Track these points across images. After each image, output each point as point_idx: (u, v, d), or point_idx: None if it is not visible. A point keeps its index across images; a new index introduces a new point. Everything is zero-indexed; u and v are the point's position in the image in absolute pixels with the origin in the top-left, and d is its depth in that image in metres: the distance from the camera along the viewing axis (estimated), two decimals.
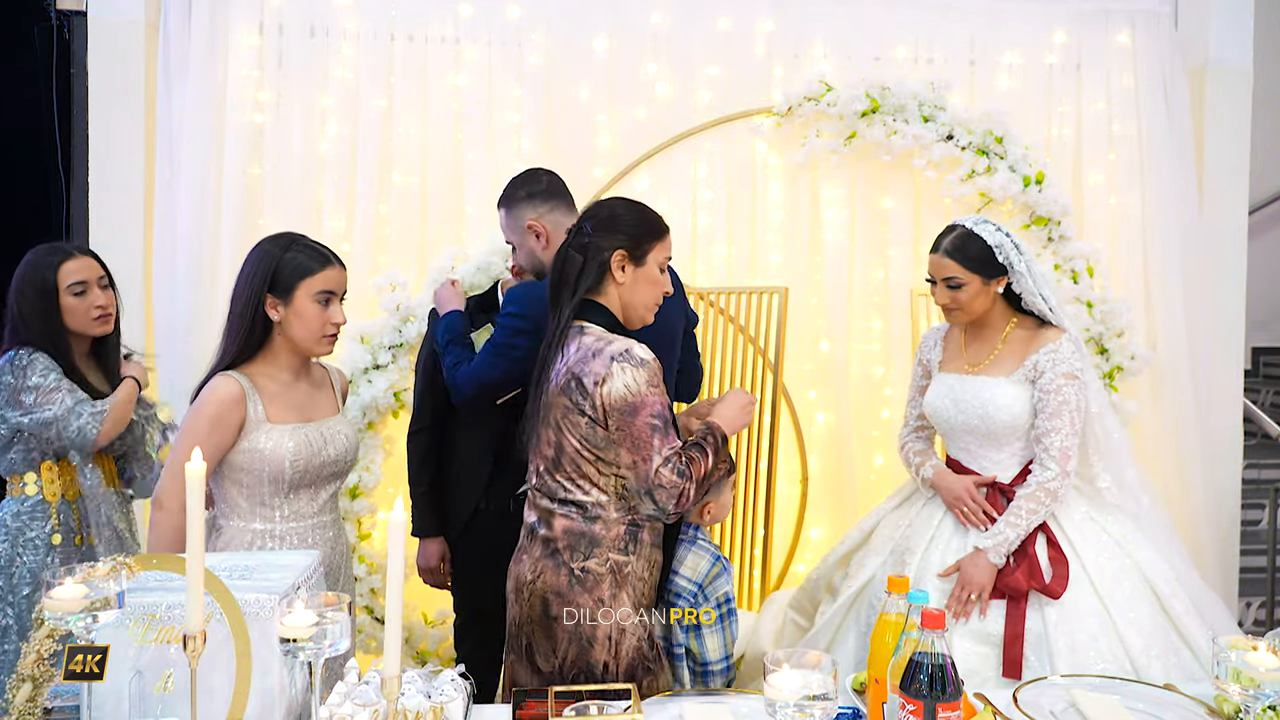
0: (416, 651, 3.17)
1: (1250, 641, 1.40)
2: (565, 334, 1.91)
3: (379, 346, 3.07)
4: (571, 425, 1.86)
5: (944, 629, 1.34)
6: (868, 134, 3.35)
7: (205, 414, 1.97)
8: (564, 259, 1.95)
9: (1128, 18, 3.57)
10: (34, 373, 2.36)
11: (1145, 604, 2.16)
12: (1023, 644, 2.10)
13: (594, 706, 1.49)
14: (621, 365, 1.82)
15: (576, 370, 1.85)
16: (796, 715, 1.28)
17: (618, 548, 1.89)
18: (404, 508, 1.24)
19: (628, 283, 1.94)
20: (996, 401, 2.24)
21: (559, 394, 1.88)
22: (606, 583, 1.88)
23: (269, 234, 2.12)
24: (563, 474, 1.89)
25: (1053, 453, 2.19)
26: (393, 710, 1.30)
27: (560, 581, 1.88)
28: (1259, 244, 4.65)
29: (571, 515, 1.89)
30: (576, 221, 1.99)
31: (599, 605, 1.87)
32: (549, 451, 1.91)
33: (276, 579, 1.53)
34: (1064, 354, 2.21)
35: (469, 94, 3.33)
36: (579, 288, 1.92)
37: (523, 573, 1.95)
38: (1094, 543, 2.22)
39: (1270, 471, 4.74)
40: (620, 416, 1.82)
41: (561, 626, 1.87)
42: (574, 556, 1.88)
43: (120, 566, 1.38)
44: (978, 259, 2.23)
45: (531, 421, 1.97)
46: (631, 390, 1.81)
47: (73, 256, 2.45)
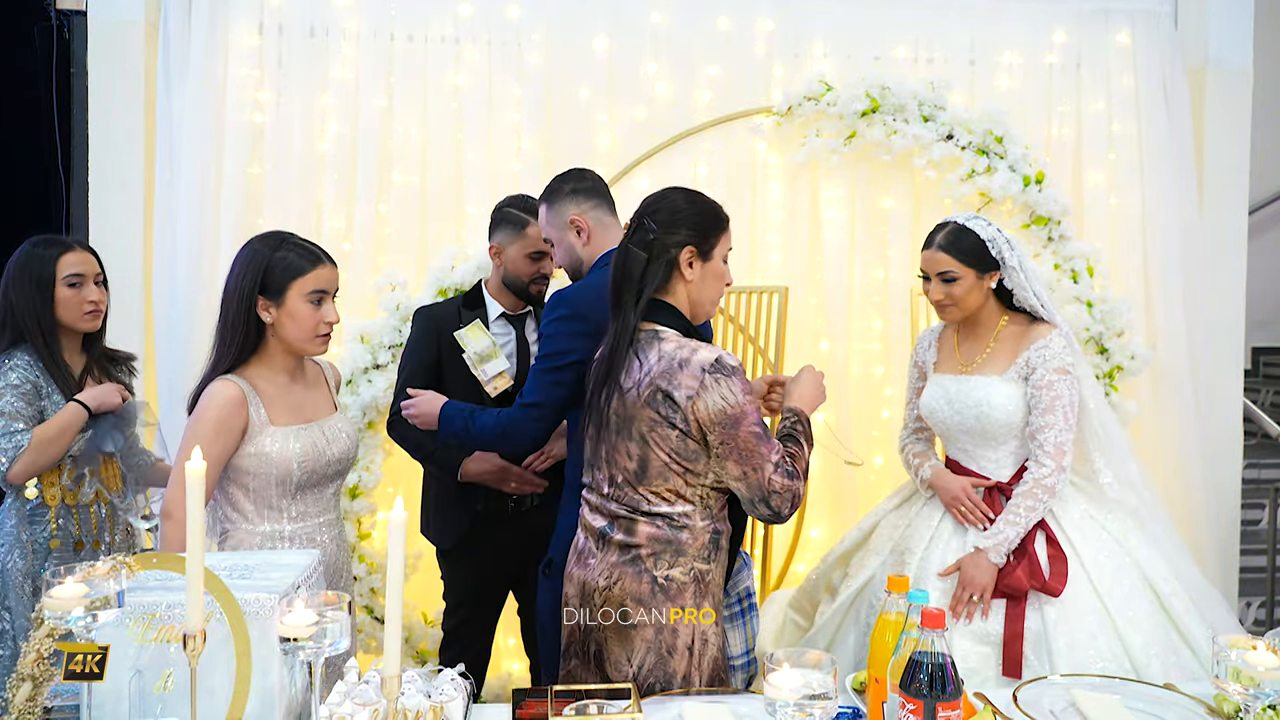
0: (416, 651, 3.17)
1: (1250, 641, 1.40)
2: (635, 338, 1.85)
3: (379, 346, 3.07)
4: (660, 439, 1.81)
5: (944, 628, 1.34)
6: (868, 134, 3.35)
7: (209, 420, 1.94)
8: (626, 256, 1.87)
9: (1128, 17, 3.57)
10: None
11: (1144, 602, 2.16)
12: (1022, 643, 2.11)
13: (594, 706, 1.49)
14: (715, 378, 1.77)
15: (662, 383, 1.79)
16: (796, 714, 1.28)
17: (702, 556, 1.86)
18: (403, 506, 1.24)
19: (696, 279, 1.88)
20: (991, 401, 2.24)
21: (643, 406, 1.81)
22: (690, 591, 1.84)
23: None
24: (647, 486, 1.84)
25: (1047, 449, 2.19)
26: (393, 709, 1.30)
27: (641, 589, 1.83)
28: (1259, 244, 4.65)
29: (657, 523, 1.84)
30: (635, 216, 1.91)
31: (681, 614, 1.85)
32: (630, 464, 1.85)
33: (276, 578, 1.53)
34: (1055, 349, 2.21)
35: (469, 94, 3.33)
36: (645, 287, 1.85)
37: (592, 578, 1.89)
38: (1093, 541, 2.22)
39: (1270, 471, 4.74)
40: (722, 430, 1.78)
41: (640, 634, 1.83)
42: (658, 564, 1.84)
43: (120, 566, 1.38)
44: (972, 253, 2.24)
45: (600, 429, 1.90)
46: (730, 403, 1.77)
47: (73, 249, 2.44)
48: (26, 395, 2.35)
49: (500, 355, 2.57)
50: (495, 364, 2.56)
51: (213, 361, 2.04)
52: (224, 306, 2.04)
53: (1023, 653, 2.10)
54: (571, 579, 1.95)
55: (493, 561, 2.69)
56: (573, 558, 1.97)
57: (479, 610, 2.78)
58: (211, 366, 2.03)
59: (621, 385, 1.84)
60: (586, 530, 1.95)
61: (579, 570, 1.93)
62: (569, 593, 1.95)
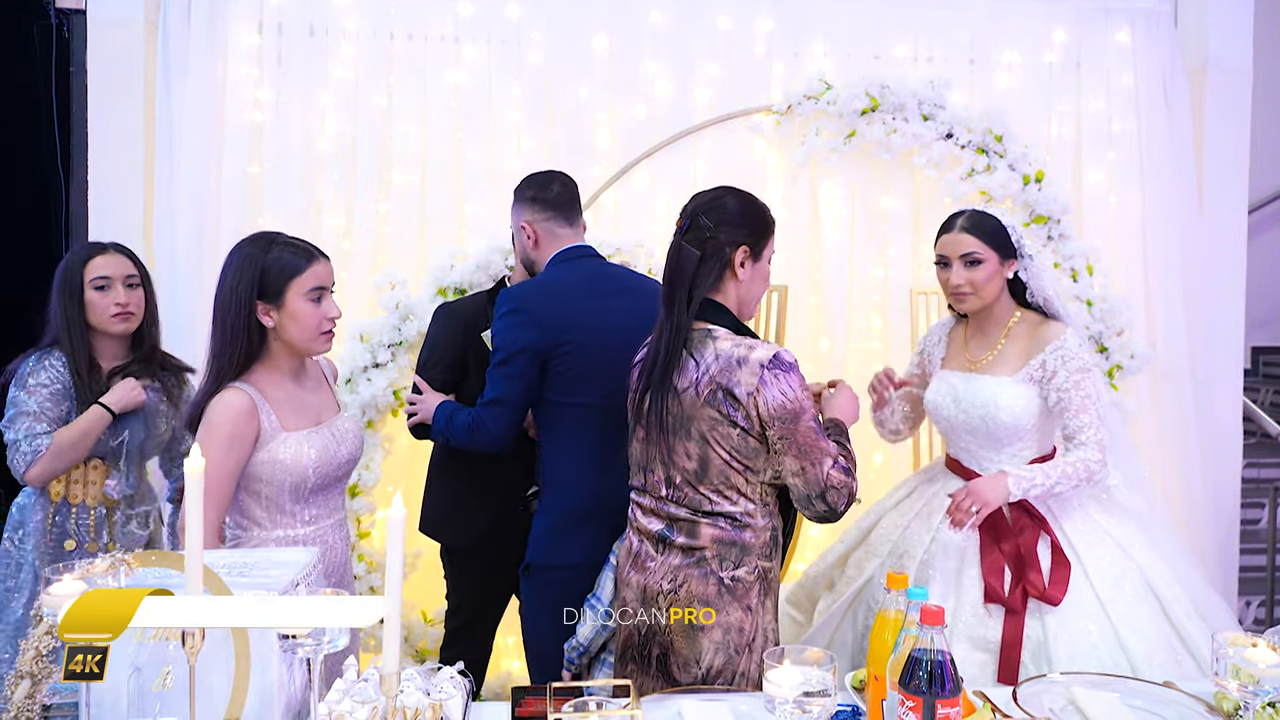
0: (416, 650, 3.17)
1: (1250, 638, 1.40)
2: (688, 337, 1.85)
3: (379, 345, 3.06)
4: (721, 437, 1.82)
5: (943, 625, 1.34)
6: (867, 132, 3.35)
7: (222, 433, 1.89)
8: (679, 254, 1.87)
9: (1127, 16, 3.57)
10: (27, 385, 2.36)
11: (1147, 609, 2.12)
12: (1020, 650, 2.07)
13: (593, 703, 1.48)
14: (774, 373, 1.78)
15: (723, 381, 1.79)
16: (795, 712, 1.28)
17: (764, 554, 1.87)
18: (402, 504, 1.23)
19: (746, 279, 1.89)
20: (998, 401, 2.20)
21: (703, 406, 1.81)
22: (755, 590, 1.86)
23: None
24: (708, 486, 1.85)
25: (1090, 446, 2.14)
26: (391, 707, 1.30)
27: (708, 590, 1.84)
28: (1259, 243, 4.65)
29: (720, 524, 1.85)
30: (687, 214, 1.90)
31: (748, 613, 1.85)
32: (689, 464, 1.85)
33: (275, 576, 1.53)
34: (1071, 349, 2.17)
35: (468, 93, 3.33)
36: (698, 285, 1.85)
37: (654, 582, 1.89)
38: (1096, 546, 2.19)
39: (1270, 470, 4.74)
40: (782, 425, 1.79)
41: (709, 635, 1.84)
42: (723, 565, 1.85)
43: (119, 563, 1.39)
44: (995, 235, 2.20)
45: (651, 431, 1.89)
46: (789, 398, 1.78)
47: (104, 252, 2.45)
48: (55, 396, 2.37)
49: None
50: None
51: (213, 375, 1.96)
52: (219, 316, 1.96)
53: (1020, 660, 2.07)
54: (629, 584, 1.94)
55: (499, 561, 2.68)
56: (625, 561, 1.97)
57: (483, 610, 2.78)
58: (213, 380, 1.96)
59: (676, 385, 1.84)
60: (641, 534, 1.94)
61: (637, 574, 1.93)
62: (626, 597, 1.95)
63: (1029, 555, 2.14)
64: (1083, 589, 2.12)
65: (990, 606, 2.13)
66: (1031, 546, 2.15)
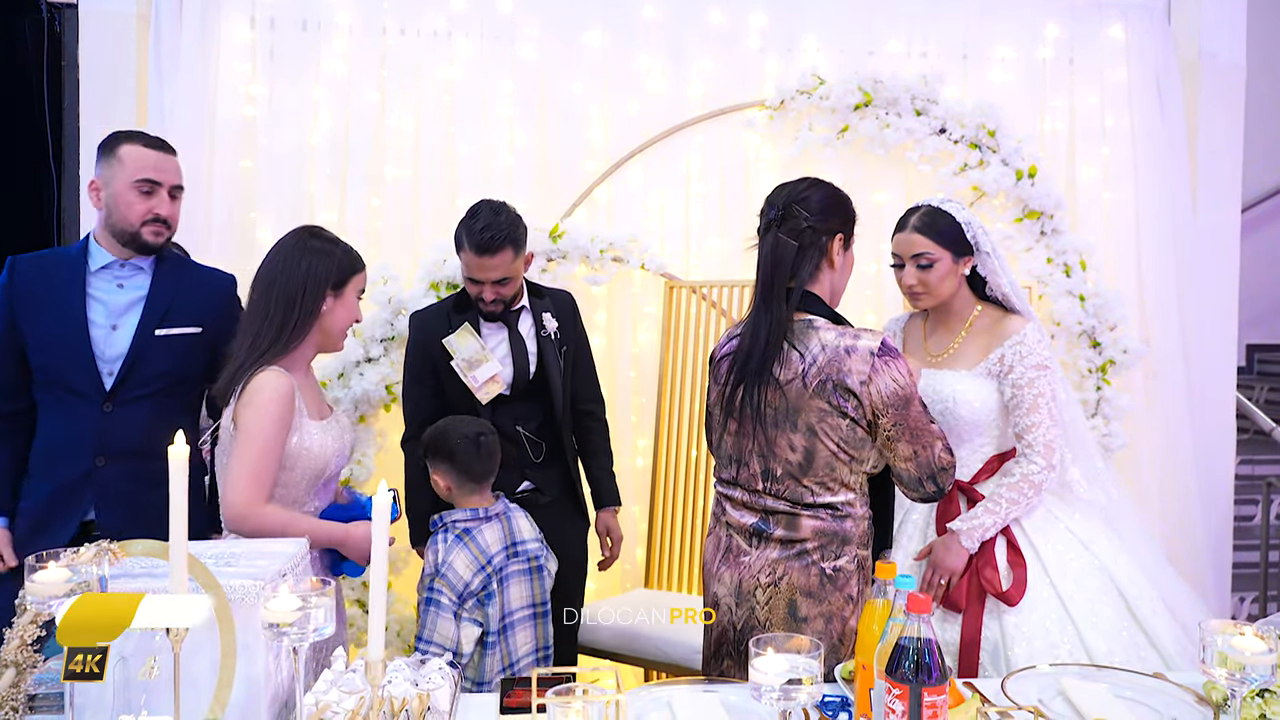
0: (407, 645, 3.17)
1: (1237, 626, 1.39)
2: (789, 328, 1.83)
3: (370, 339, 3.06)
4: (830, 429, 1.80)
5: (929, 613, 1.34)
6: (860, 127, 3.35)
7: (272, 414, 1.88)
8: (776, 245, 1.85)
9: (1120, 11, 3.57)
10: None
11: (1109, 606, 2.09)
12: (979, 649, 2.05)
13: (578, 689, 1.48)
14: (884, 360, 1.78)
15: (832, 372, 1.78)
16: (781, 699, 1.27)
17: (863, 543, 1.87)
18: (386, 489, 1.23)
19: (839, 268, 1.90)
20: (957, 396, 2.18)
21: (811, 397, 1.80)
22: (855, 579, 1.85)
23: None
24: (812, 478, 1.83)
25: (1037, 447, 2.12)
26: (376, 695, 1.30)
27: (810, 582, 1.83)
28: (1253, 241, 4.65)
29: (821, 516, 1.84)
30: (778, 203, 1.88)
31: (849, 602, 1.84)
32: (793, 456, 1.83)
33: (262, 566, 1.52)
34: (1030, 344, 2.14)
35: (461, 87, 3.32)
36: (799, 276, 1.84)
37: (750, 575, 1.87)
38: (1056, 542, 2.15)
39: (1263, 467, 4.74)
40: (895, 412, 1.79)
41: (811, 627, 1.83)
42: (825, 556, 1.84)
43: (104, 552, 1.38)
44: (948, 235, 2.17)
45: (745, 424, 1.86)
46: (900, 384, 1.79)
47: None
48: None
49: (491, 359, 2.53)
50: (486, 369, 2.51)
51: (254, 351, 1.94)
52: (282, 296, 1.96)
53: (979, 660, 2.05)
54: (722, 579, 1.92)
55: None
56: (715, 557, 1.95)
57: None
58: (255, 355, 1.94)
59: (777, 378, 1.83)
60: (733, 528, 1.92)
61: (729, 570, 1.91)
62: (719, 593, 1.93)
63: (985, 551, 2.11)
64: (1043, 587, 2.09)
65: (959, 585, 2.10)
66: (989, 543, 2.12)
